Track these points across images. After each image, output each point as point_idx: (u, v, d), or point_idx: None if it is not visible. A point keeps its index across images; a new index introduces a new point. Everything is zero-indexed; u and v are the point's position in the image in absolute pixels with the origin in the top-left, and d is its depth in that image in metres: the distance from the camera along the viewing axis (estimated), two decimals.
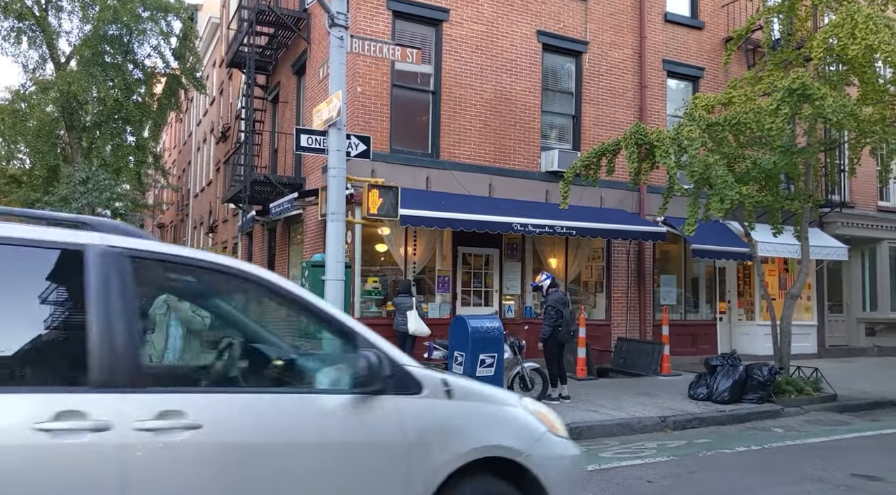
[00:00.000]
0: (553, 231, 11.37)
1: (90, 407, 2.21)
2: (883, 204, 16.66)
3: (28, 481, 2.05)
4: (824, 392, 10.12)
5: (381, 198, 8.13)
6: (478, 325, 8.20)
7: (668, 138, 9.68)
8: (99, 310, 2.35)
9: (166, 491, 2.28)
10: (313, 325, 2.99)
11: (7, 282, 2.39)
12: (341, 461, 2.65)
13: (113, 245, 2.49)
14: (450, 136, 12.02)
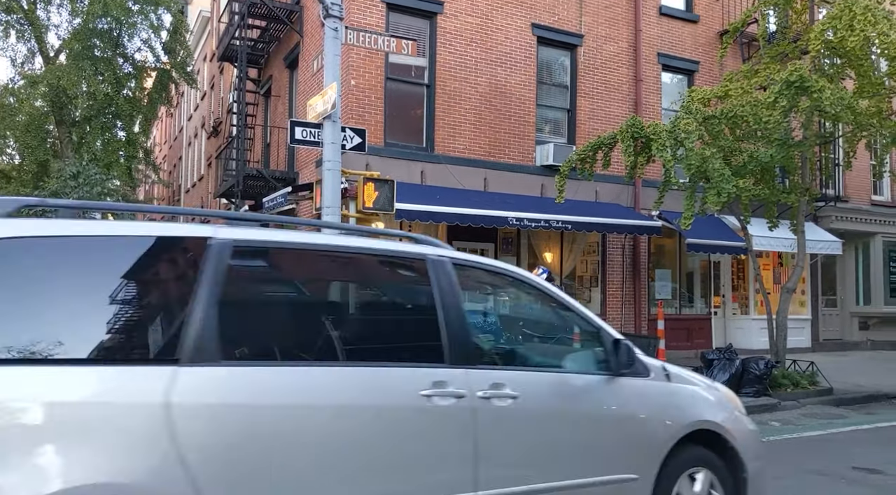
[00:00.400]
0: (548, 225, 11.30)
1: (450, 379, 2.89)
2: (876, 198, 16.71)
3: (417, 430, 2.81)
4: (820, 385, 10.13)
5: (376, 192, 8.03)
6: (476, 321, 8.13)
7: (665, 131, 9.63)
8: (444, 306, 3.02)
9: (499, 439, 3.00)
10: (571, 320, 3.62)
11: (384, 288, 3.34)
12: (606, 425, 3.36)
13: (441, 255, 3.20)
14: (444, 130, 11.93)
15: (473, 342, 3.15)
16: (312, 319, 3.00)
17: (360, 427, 2.67)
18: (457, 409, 2.86)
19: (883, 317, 16.46)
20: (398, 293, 3.36)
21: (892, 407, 9.72)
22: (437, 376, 2.86)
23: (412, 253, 3.17)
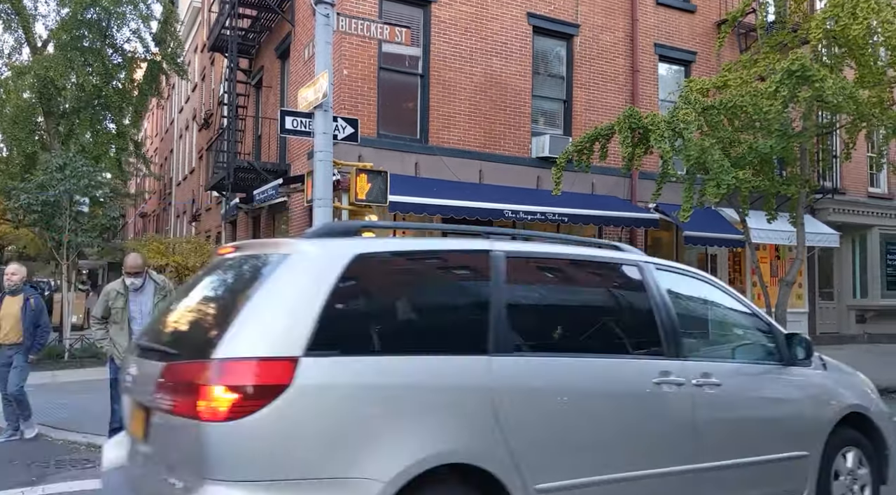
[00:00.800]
0: (545, 218, 11.14)
1: (672, 370, 3.37)
2: (873, 190, 16.62)
3: (653, 410, 3.30)
4: None
5: (369, 184, 7.84)
6: None
7: (664, 122, 9.47)
8: (658, 305, 3.49)
9: (708, 421, 3.44)
10: (749, 318, 4.05)
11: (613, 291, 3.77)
12: (786, 408, 3.81)
13: (648, 261, 3.70)
14: (439, 121, 11.73)
15: (683, 337, 3.57)
16: (568, 318, 3.50)
17: (612, 406, 3.20)
18: (678, 394, 3.37)
19: (880, 310, 16.39)
20: (624, 295, 3.78)
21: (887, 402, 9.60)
22: (663, 367, 3.38)
23: (630, 260, 3.69)
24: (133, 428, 3.02)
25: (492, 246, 3.16)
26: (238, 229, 17.43)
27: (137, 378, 2.99)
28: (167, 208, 30.15)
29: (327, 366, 2.54)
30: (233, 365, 2.43)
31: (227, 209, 14.60)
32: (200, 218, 22.80)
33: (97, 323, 5.78)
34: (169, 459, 2.61)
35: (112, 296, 5.69)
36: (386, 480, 2.47)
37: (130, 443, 3.05)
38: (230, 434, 2.36)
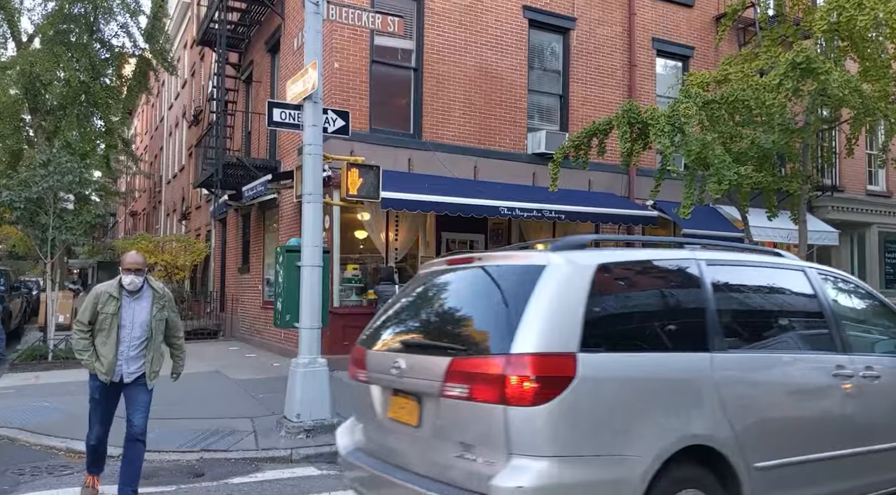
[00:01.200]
0: (541, 215, 10.89)
1: (845, 363, 3.84)
2: (872, 188, 16.46)
3: (834, 399, 3.77)
4: None
5: (361, 179, 7.58)
6: None
7: (663, 116, 9.24)
8: (824, 305, 3.95)
9: (872, 408, 3.92)
10: (890, 317, 4.47)
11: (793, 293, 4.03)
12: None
13: (811, 265, 4.22)
14: (432, 116, 11.46)
15: (847, 334, 3.99)
16: (761, 318, 3.89)
17: (805, 395, 3.69)
18: (851, 384, 3.81)
19: None
20: (798, 297, 4.05)
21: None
22: (837, 361, 3.82)
23: (797, 265, 4.11)
24: (395, 415, 3.45)
25: (694, 254, 3.68)
26: (228, 227, 17.10)
27: (407, 371, 3.33)
28: (157, 207, 29.74)
29: (598, 361, 2.98)
30: (533, 359, 2.87)
31: (216, 207, 14.28)
32: (190, 216, 22.44)
33: (82, 329, 4.71)
34: (462, 438, 3.00)
35: (103, 299, 4.68)
36: (651, 457, 2.95)
37: (381, 428, 3.57)
38: (532, 417, 2.81)
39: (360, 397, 3.78)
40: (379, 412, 3.59)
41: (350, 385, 3.99)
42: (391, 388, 3.48)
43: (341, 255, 10.76)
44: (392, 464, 3.40)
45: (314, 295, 6.95)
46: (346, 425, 4.01)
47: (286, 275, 7.12)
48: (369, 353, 3.74)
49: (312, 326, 6.95)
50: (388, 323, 3.95)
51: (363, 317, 10.66)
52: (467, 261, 3.64)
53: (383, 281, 10.22)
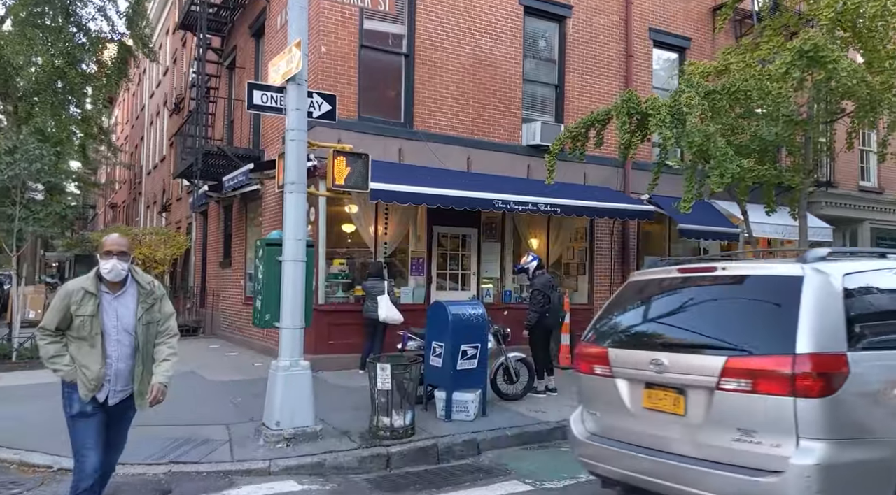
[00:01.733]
0: (536, 209, 10.48)
1: None
2: (864, 184, 16.25)
3: None
4: None
5: (348, 168, 7.10)
6: (459, 312, 7.28)
7: (665, 106, 8.85)
8: None
9: None
10: None
11: None
12: None
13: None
14: (424, 104, 10.99)
15: None
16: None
17: None
18: None
19: None
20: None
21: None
22: None
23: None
24: (652, 405, 3.94)
25: None
26: (209, 220, 16.52)
27: (669, 367, 3.83)
28: (137, 198, 28.95)
29: (862, 358, 3.43)
30: (817, 358, 3.34)
31: (196, 198, 13.71)
32: (170, 208, 21.78)
33: (47, 336, 3.72)
34: (741, 424, 3.49)
35: (77, 298, 3.64)
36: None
37: (631, 416, 4.05)
38: (816, 407, 3.31)
39: (598, 390, 4.31)
40: (629, 403, 4.11)
41: (346, 388, 4.05)
42: (643, 382, 4.01)
43: (327, 250, 10.28)
44: (646, 447, 3.95)
45: (296, 292, 6.48)
46: (576, 415, 4.57)
47: (266, 270, 6.63)
48: (614, 351, 4.22)
49: (294, 326, 6.48)
50: (628, 325, 4.49)
51: (350, 315, 10.21)
52: (707, 271, 4.12)
53: (372, 276, 9.77)
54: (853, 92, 8.03)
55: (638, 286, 4.60)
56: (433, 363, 7.39)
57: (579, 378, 4.53)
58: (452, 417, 7.09)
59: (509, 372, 8.12)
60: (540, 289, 8.37)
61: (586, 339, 4.50)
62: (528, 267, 8.62)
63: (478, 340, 7.32)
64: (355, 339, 9.99)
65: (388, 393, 6.51)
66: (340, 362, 9.91)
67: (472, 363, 7.28)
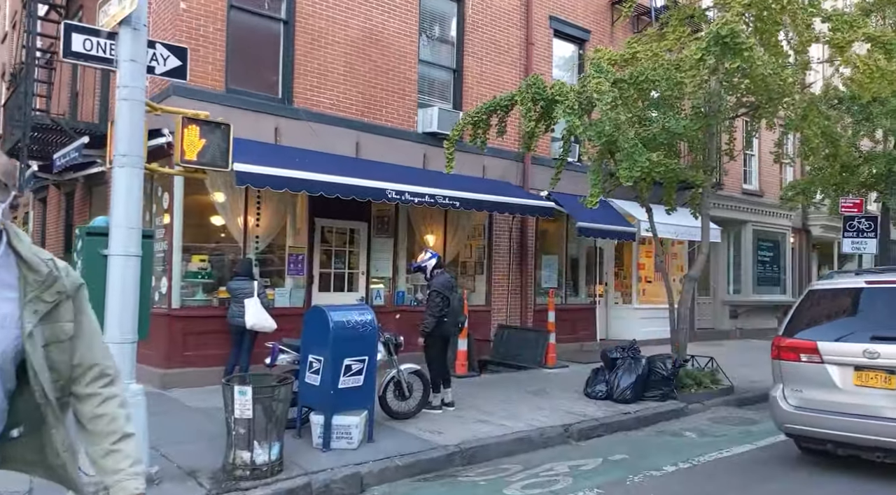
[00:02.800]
0: (434, 201, 9.45)
1: None
2: (747, 187, 16.75)
3: None
4: (722, 384, 9.25)
5: (203, 140, 5.71)
6: (343, 319, 6.08)
7: (573, 92, 8.13)
8: None
9: None
10: None
11: None
12: None
13: None
14: (306, 79, 9.63)
15: None
16: None
17: None
18: None
19: (751, 306, 16.56)
20: None
21: None
22: None
23: None
24: (863, 383, 5.43)
25: None
26: (48, 208, 14.08)
27: (883, 354, 5.28)
28: None
29: None
30: None
31: (24, 180, 11.43)
32: None
33: None
34: None
35: None
36: None
37: (841, 392, 5.51)
38: None
39: (806, 373, 5.71)
40: (839, 382, 5.51)
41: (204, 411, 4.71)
42: (852, 366, 5.45)
43: (186, 244, 8.68)
44: (856, 414, 5.33)
45: (126, 295, 5.00)
46: (778, 393, 5.96)
47: (86, 267, 5.07)
48: (824, 344, 5.62)
49: (123, 339, 4.99)
50: (831, 323, 6.00)
51: (213, 321, 8.66)
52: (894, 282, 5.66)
53: (239, 276, 8.30)
54: (766, 83, 7.66)
55: (824, 294, 6.09)
56: (309, 380, 6.14)
57: (781, 364, 5.92)
58: (332, 445, 5.89)
59: (401, 387, 7.02)
60: (438, 290, 7.33)
61: (789, 333, 5.94)
62: (425, 265, 7.56)
63: (365, 352, 6.16)
64: (219, 350, 8.48)
65: (248, 423, 5.22)
66: (200, 377, 8.37)
67: (358, 379, 6.11)
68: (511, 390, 8.82)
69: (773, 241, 17.22)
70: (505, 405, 7.89)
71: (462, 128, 9.07)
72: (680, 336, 9.38)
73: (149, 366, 8.69)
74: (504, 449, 6.39)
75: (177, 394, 8.04)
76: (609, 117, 7.50)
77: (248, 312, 8.00)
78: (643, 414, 7.77)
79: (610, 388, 8.23)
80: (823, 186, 12.04)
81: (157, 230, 9.08)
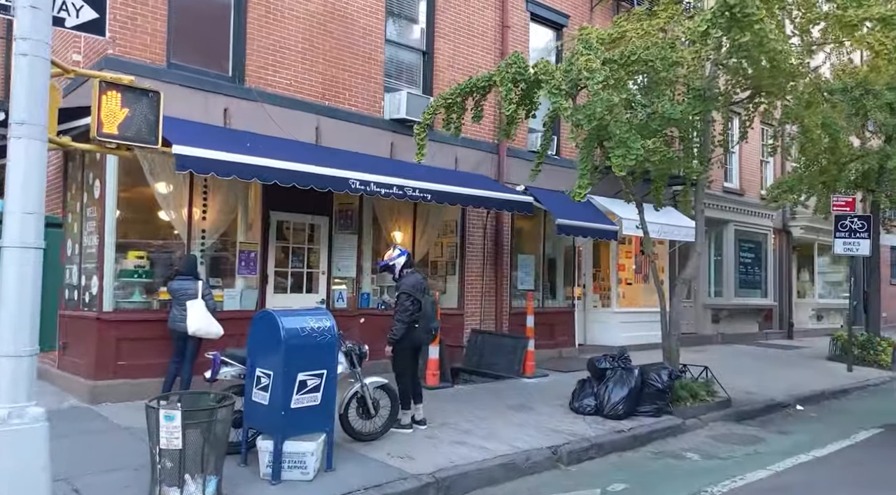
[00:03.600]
0: (403, 193, 8.51)
1: None
2: (728, 185, 16.23)
3: None
4: (718, 396, 8.54)
5: (125, 109, 4.69)
6: (296, 326, 5.12)
7: (560, 71, 7.32)
8: None
9: None
10: None
11: None
12: None
13: None
14: (260, 56, 8.61)
15: None
16: None
17: None
18: None
19: (733, 309, 16.04)
20: None
21: (794, 421, 8.43)
22: None
23: None
24: None
25: None
26: None
27: None
28: None
29: None
30: None
31: None
32: None
33: None
34: None
35: None
36: None
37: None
38: None
39: None
40: None
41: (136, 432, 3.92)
42: None
43: (120, 239, 7.57)
44: None
45: (23, 297, 3.95)
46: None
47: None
48: None
49: (19, 352, 3.95)
50: None
51: (151, 326, 7.56)
52: None
53: (181, 275, 7.25)
54: (775, 62, 6.93)
55: None
56: (257, 398, 5.16)
57: None
58: (283, 476, 4.92)
59: (366, 404, 6.07)
60: (408, 292, 6.41)
61: None
62: (393, 263, 6.63)
63: (322, 365, 5.20)
64: (158, 359, 7.41)
65: (178, 454, 4.24)
66: (136, 390, 7.29)
67: (315, 397, 5.15)
68: (488, 404, 7.95)
69: (754, 242, 16.76)
70: (483, 422, 7.01)
71: (434, 111, 8.18)
72: (672, 342, 8.65)
73: (76, 375, 7.58)
74: (486, 476, 5.51)
75: (107, 410, 6.96)
76: (601, 98, 6.69)
77: (191, 316, 6.96)
78: (638, 432, 6.97)
79: (599, 402, 7.42)
80: (811, 184, 11.50)
81: (88, 223, 7.96)
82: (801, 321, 18.67)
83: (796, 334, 18.11)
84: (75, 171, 8.38)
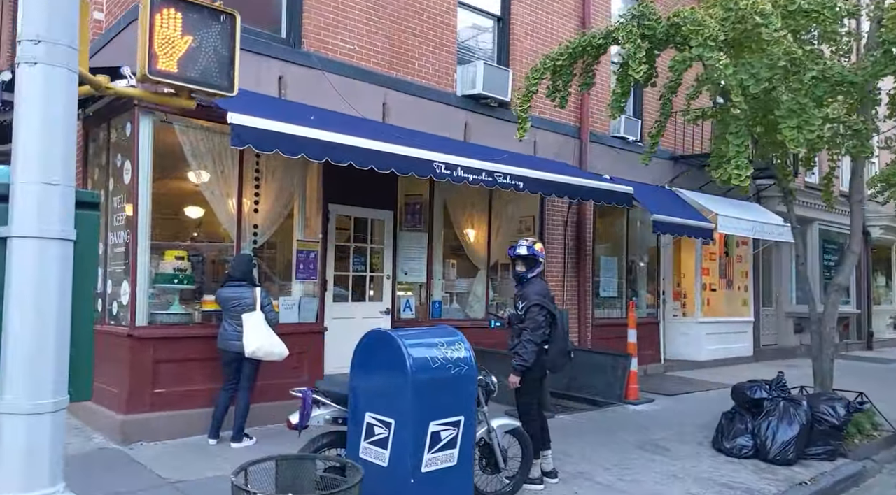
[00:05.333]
0: (493, 181, 6.98)
1: None
2: (809, 180, 14.61)
3: None
4: (883, 428, 6.94)
5: (188, 36, 3.20)
6: (424, 356, 3.59)
7: (716, 19, 5.79)
8: None
9: None
10: None
11: None
12: None
13: None
14: (319, 15, 7.10)
15: None
16: None
17: None
18: None
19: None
20: None
21: None
22: None
23: None
24: None
25: None
26: None
27: None
28: None
29: None
30: None
31: None
32: None
33: None
34: None
35: None
36: None
37: None
38: None
39: None
40: None
41: None
42: None
43: (156, 233, 6.05)
44: None
45: (47, 319, 2.41)
46: None
47: None
48: None
49: (40, 408, 2.41)
50: None
51: (194, 344, 6.00)
52: None
53: (234, 280, 5.73)
54: None
55: None
56: (367, 456, 3.63)
57: None
58: None
59: (493, 455, 4.51)
60: (541, 302, 4.85)
61: None
62: (536, 256, 5.05)
63: (459, 410, 3.67)
64: (203, 384, 5.91)
65: None
66: (176, 425, 5.79)
67: (450, 456, 3.62)
68: (606, 441, 6.39)
69: (837, 244, 15.14)
70: (622, 471, 5.45)
71: (541, 75, 6.61)
72: (824, 364, 7.09)
73: (102, 406, 6.05)
74: None
75: (143, 454, 5.43)
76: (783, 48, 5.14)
77: (248, 333, 5.44)
78: (823, 485, 5.39)
79: (760, 443, 5.84)
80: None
81: (115, 215, 6.44)
82: (879, 330, 17.04)
83: (875, 344, 16.48)
84: (98, 153, 6.87)
